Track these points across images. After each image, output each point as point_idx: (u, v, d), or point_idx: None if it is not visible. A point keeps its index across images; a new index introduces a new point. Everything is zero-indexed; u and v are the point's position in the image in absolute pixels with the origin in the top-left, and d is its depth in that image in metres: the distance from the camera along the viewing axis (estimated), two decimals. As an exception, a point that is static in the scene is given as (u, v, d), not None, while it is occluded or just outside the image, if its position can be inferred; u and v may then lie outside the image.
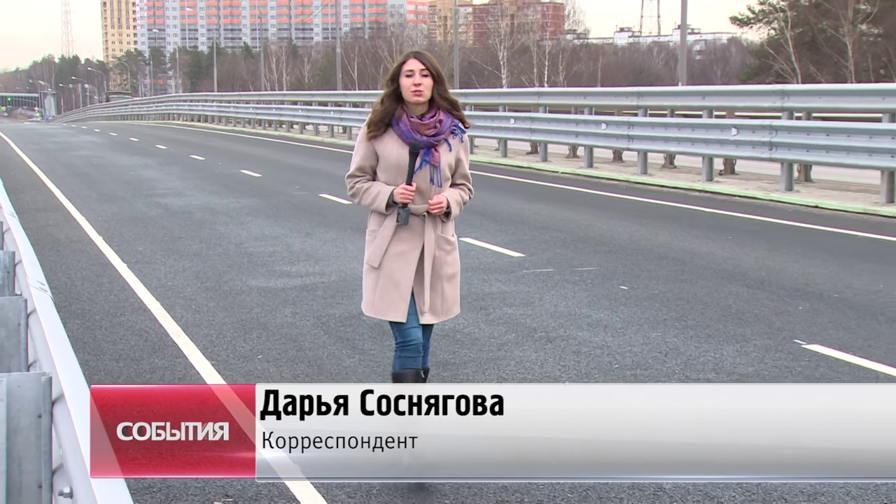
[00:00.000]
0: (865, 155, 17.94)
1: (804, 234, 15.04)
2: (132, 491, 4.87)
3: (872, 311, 9.67)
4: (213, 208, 19.04)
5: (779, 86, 21.75)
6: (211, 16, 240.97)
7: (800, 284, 10.94)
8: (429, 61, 5.39)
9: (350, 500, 5.43)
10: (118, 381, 7.69)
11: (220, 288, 11.30)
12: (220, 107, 65.48)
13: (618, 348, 8.41)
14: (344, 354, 8.38)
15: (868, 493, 5.38)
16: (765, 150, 20.05)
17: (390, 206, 5.46)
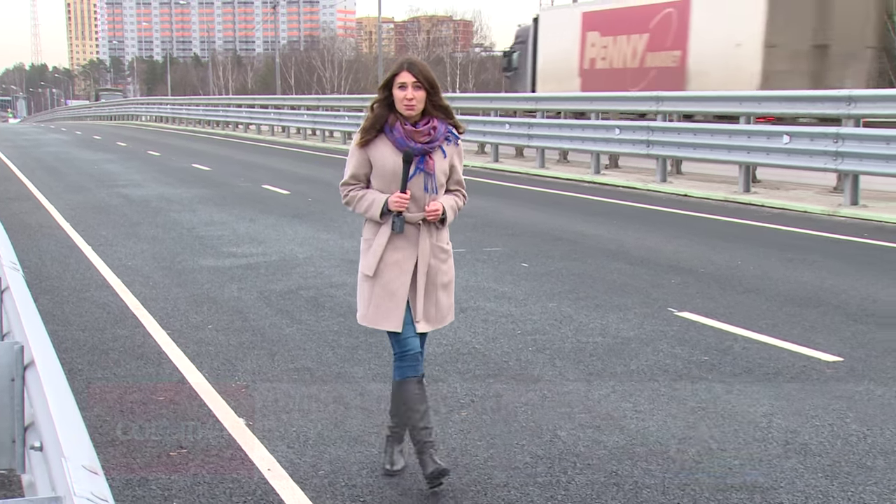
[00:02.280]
0: (725, 151, 18.23)
1: (676, 219, 15.25)
2: (96, 445, 4.79)
3: (732, 283, 9.83)
4: (168, 198, 18.83)
5: (654, 92, 21.99)
6: (164, 29, 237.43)
7: (672, 261, 11.08)
8: (421, 73, 4.68)
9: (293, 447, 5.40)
10: (84, 349, 7.58)
11: (174, 267, 11.18)
12: (174, 109, 64.70)
13: (520, 317, 8.45)
14: (284, 324, 8.33)
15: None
16: (643, 147, 20.29)
17: (385, 215, 4.75)
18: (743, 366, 6.90)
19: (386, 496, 4.73)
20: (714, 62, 25.65)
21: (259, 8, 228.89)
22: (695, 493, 4.73)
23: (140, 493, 4.81)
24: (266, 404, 6.19)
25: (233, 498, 4.75)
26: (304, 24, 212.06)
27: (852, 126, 15.92)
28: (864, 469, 5.00)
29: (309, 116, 40.76)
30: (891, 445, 5.33)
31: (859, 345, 7.41)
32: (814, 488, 4.77)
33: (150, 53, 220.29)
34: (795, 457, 5.19)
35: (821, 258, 11.30)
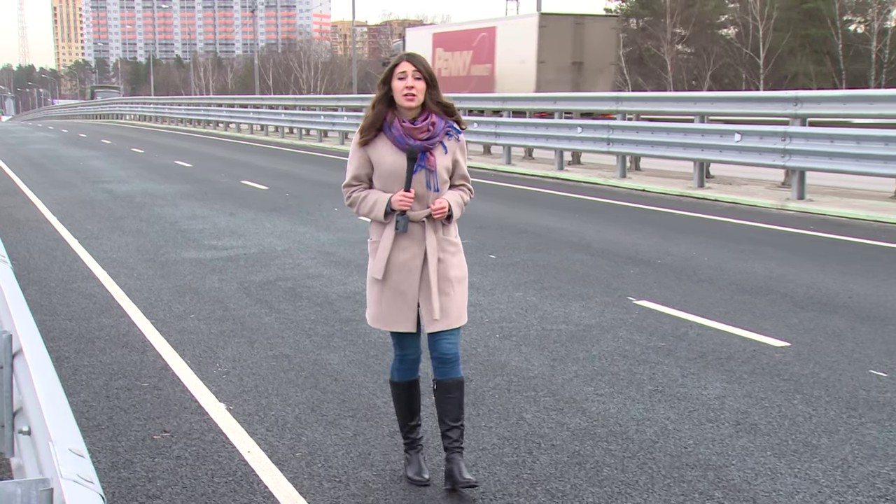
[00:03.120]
0: (681, 149, 18.31)
1: (635, 213, 15.31)
2: (82, 429, 4.76)
3: (687, 273, 9.88)
4: (152, 193, 18.71)
5: (614, 93, 22.11)
6: (147, 31, 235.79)
7: (631, 253, 11.13)
8: (421, 64, 4.38)
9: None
10: (71, 337, 7.53)
11: (157, 259, 11.11)
12: (157, 108, 64.32)
13: (488, 305, 8.46)
14: (263, 313, 8.30)
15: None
16: (603, 144, 20.35)
17: (388, 215, 4.43)
18: (697, 351, 6.94)
19: (361, 476, 4.73)
20: (510, 73, 33.59)
21: (238, 11, 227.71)
22: (652, 471, 4.76)
23: (125, 474, 4.79)
24: (246, 389, 6.17)
25: (214, 479, 4.73)
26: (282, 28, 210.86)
27: (798, 125, 16.04)
28: (810, 447, 5.05)
29: (286, 115, 40.62)
30: (834, 425, 5.38)
31: (805, 330, 7.47)
32: (763, 466, 4.81)
33: (134, 55, 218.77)
34: (746, 436, 5.23)
35: (770, 250, 11.38)
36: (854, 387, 6.06)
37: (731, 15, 63.05)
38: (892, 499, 4.41)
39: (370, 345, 7.20)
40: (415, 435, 4.74)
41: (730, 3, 64.07)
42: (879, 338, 7.24)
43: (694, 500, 4.41)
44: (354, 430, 5.37)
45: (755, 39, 55.56)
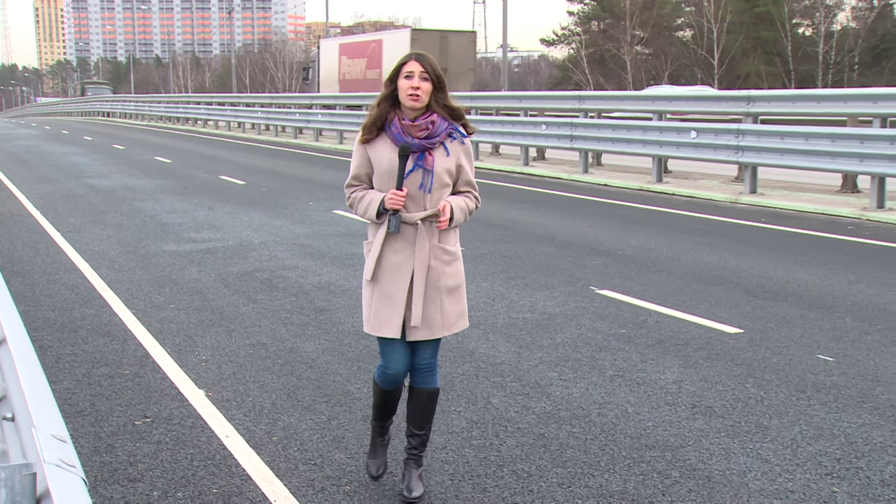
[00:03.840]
0: (640, 145, 18.41)
1: (597, 206, 15.37)
2: (65, 415, 4.72)
3: (647, 263, 9.93)
4: (132, 188, 18.56)
5: (577, 92, 22.23)
6: (128, 32, 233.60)
7: (594, 244, 11.17)
8: (429, 64, 4.07)
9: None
10: (54, 327, 7.46)
11: (138, 251, 11.03)
12: (137, 106, 63.76)
13: (456, 295, 8.46)
14: (240, 303, 8.26)
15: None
16: (567, 141, 20.41)
17: (381, 214, 4.09)
18: (656, 338, 6.98)
19: (335, 459, 4.72)
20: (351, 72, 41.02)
21: (215, 13, 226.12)
22: (613, 452, 4.78)
23: (107, 458, 4.75)
24: (224, 377, 6.14)
25: (194, 463, 4.70)
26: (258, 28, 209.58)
27: (751, 123, 16.15)
28: (762, 428, 5.09)
29: (263, 113, 40.44)
30: (784, 407, 5.43)
31: (757, 318, 7.53)
32: (717, 446, 4.85)
33: (114, 54, 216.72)
34: (702, 418, 5.26)
35: (724, 241, 11.46)
36: (803, 371, 6.11)
37: (686, 18, 63.36)
38: (837, 476, 4.46)
39: (344, 333, 7.19)
40: (385, 423, 4.55)
41: (686, 7, 64.39)
42: (826, 324, 7.31)
43: (652, 480, 4.44)
44: (329, 415, 5.36)
45: (710, 41, 55.90)
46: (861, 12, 56.33)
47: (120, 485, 4.44)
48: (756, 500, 4.21)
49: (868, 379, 5.93)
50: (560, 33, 68.39)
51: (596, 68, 61.44)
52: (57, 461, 1.67)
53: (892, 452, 4.74)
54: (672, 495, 4.27)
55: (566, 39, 68.05)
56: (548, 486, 4.38)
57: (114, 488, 4.40)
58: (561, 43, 69.08)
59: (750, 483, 4.39)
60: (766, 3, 56.17)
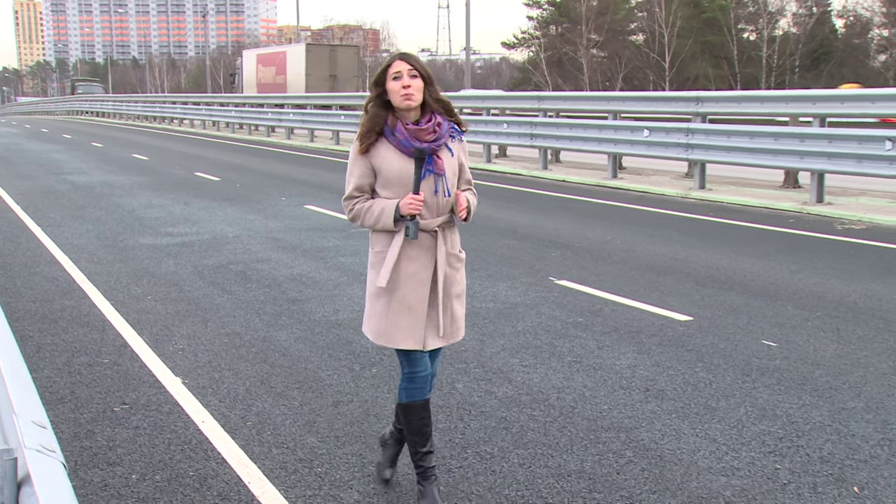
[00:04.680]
0: (596, 143, 18.47)
1: (556, 201, 15.41)
2: (46, 402, 4.67)
3: (603, 255, 9.98)
4: (111, 184, 18.37)
5: (536, 93, 22.32)
6: (105, 34, 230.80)
7: (552, 237, 11.21)
8: (416, 62, 3.75)
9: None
10: (35, 318, 7.36)
11: (116, 245, 10.91)
12: (115, 105, 63.06)
13: (422, 286, 8.45)
14: (215, 295, 8.20)
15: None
16: (527, 139, 20.45)
17: (398, 221, 3.72)
18: (611, 325, 7.01)
19: (307, 443, 4.70)
20: (293, 80, 46.78)
21: (190, 16, 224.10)
22: (571, 434, 4.80)
23: (87, 444, 4.70)
24: (200, 364, 6.09)
25: (171, 447, 4.66)
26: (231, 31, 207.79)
27: (700, 122, 16.27)
28: (710, 410, 5.14)
29: (236, 112, 40.17)
30: (731, 390, 5.47)
31: (706, 306, 7.59)
32: (669, 427, 4.88)
33: (93, 56, 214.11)
34: (654, 401, 5.29)
35: (675, 234, 11.53)
36: (748, 355, 6.17)
37: (639, 23, 63.67)
38: (780, 454, 4.51)
39: (315, 323, 7.16)
40: (426, 463, 3.97)
41: (638, 13, 64.70)
42: (770, 311, 7.39)
43: (608, 459, 4.46)
44: (301, 401, 5.34)
45: (661, 45, 56.23)
46: (801, 18, 56.95)
47: (99, 468, 4.39)
48: (704, 477, 4.25)
49: (808, 363, 5.99)
50: (520, 37, 68.54)
51: (554, 70, 61.60)
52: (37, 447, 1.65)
53: (830, 431, 4.79)
54: (626, 474, 4.29)
55: (526, 43, 68.21)
56: (510, 467, 4.39)
57: (94, 472, 4.35)
58: (521, 46, 69.24)
59: (699, 461, 4.43)
60: (713, 10, 56.63)
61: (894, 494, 4.04)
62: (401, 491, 4.13)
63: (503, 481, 4.23)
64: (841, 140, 13.51)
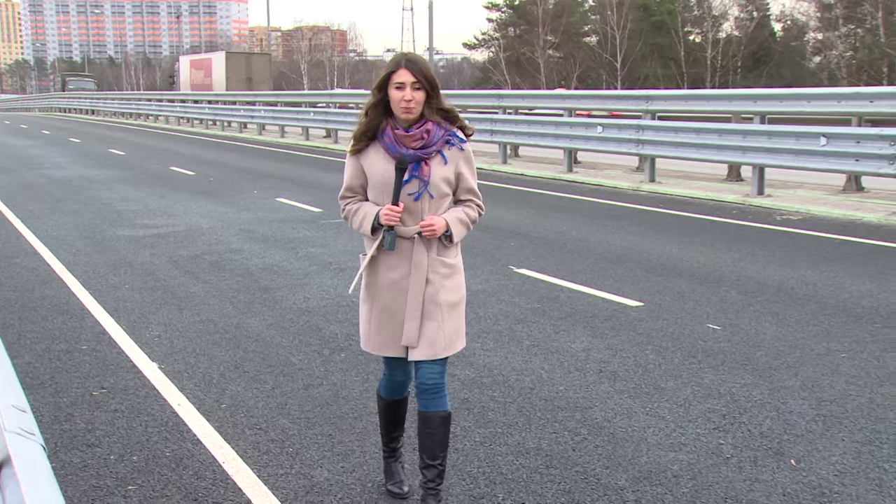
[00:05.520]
0: (553, 139, 18.53)
1: (515, 194, 15.44)
2: (27, 387, 4.60)
3: (559, 245, 10.02)
4: (88, 178, 18.12)
5: (496, 91, 22.30)
6: (82, 33, 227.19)
7: (512, 227, 11.23)
8: (421, 72, 3.42)
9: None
10: (15, 307, 7.25)
11: (94, 236, 10.78)
12: (92, 102, 62.07)
13: (388, 274, 8.42)
14: (190, 283, 8.13)
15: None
16: (487, 135, 20.44)
17: (376, 230, 3.52)
18: (567, 311, 7.04)
19: (279, 424, 4.68)
20: (217, 82, 53.02)
21: (165, 17, 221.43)
22: (529, 414, 4.82)
23: (66, 426, 4.64)
24: (175, 350, 6.04)
25: (148, 429, 4.62)
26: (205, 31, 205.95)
27: (650, 119, 16.37)
28: (659, 389, 5.18)
29: (210, 109, 39.75)
30: (679, 371, 5.53)
31: (656, 292, 7.65)
32: (621, 406, 4.92)
33: (70, 54, 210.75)
34: (607, 382, 5.33)
35: (627, 224, 11.61)
36: (694, 338, 6.23)
37: (592, 25, 63.87)
38: (723, 430, 4.56)
39: (286, 310, 7.12)
40: (395, 444, 3.96)
41: (591, 16, 64.88)
42: (715, 297, 7.46)
43: (564, 437, 4.49)
44: (273, 384, 5.31)
45: (613, 46, 56.48)
46: (743, 22, 57.49)
47: (79, 450, 4.34)
48: (654, 452, 4.29)
49: (750, 345, 6.06)
50: (481, 38, 68.48)
51: (513, 70, 61.66)
52: (17, 429, 1.62)
53: (769, 409, 4.86)
54: (581, 450, 4.32)
55: (486, 44, 68.16)
56: (471, 445, 4.40)
57: (73, 453, 4.30)
58: (482, 47, 69.18)
59: (649, 438, 4.47)
60: (661, 13, 56.99)
61: (828, 466, 4.11)
62: (368, 469, 4.13)
63: (465, 458, 4.24)
64: (780, 136, 13.66)
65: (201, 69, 56.96)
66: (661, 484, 3.93)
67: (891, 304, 7.13)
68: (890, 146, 12.07)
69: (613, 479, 3.98)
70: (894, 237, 10.55)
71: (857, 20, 48.89)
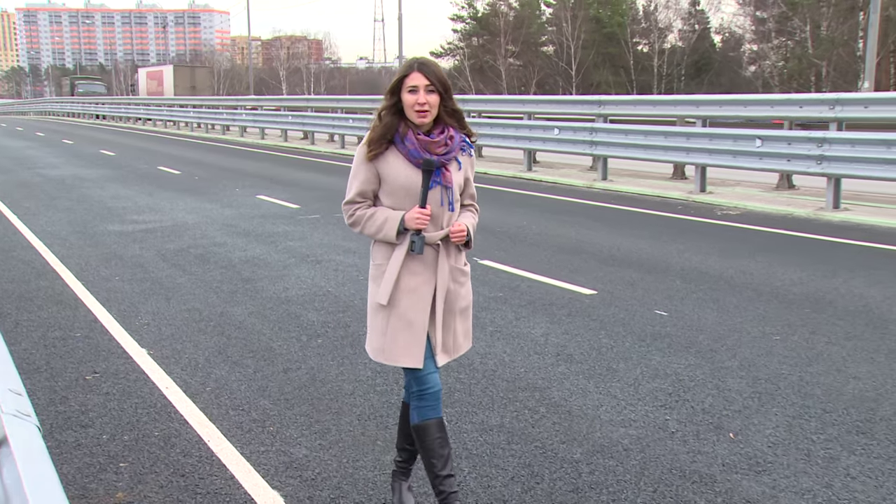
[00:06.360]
0: (514, 140, 18.55)
1: (479, 191, 15.25)
2: (23, 372, 4.53)
3: (520, 238, 10.04)
4: (81, 177, 17.86)
5: (461, 96, 22.23)
6: (74, 42, 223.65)
7: (476, 223, 11.21)
8: (434, 74, 3.13)
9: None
10: (12, 297, 7.14)
11: (86, 231, 10.63)
12: (84, 106, 61.18)
13: (362, 266, 8.42)
14: (177, 275, 8.05)
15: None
16: (454, 137, 20.42)
17: (401, 234, 3.17)
18: (527, 299, 7.06)
19: (260, 405, 4.65)
20: (168, 89, 57.45)
21: (152, 27, 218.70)
22: (492, 394, 4.83)
23: (61, 409, 4.58)
24: (163, 337, 5.98)
25: (138, 410, 4.57)
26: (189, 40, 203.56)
27: (602, 122, 16.45)
28: (612, 371, 5.21)
29: (194, 113, 39.35)
30: (629, 353, 5.56)
31: (608, 281, 7.69)
32: (577, 386, 4.94)
33: (63, 62, 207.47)
34: (564, 364, 5.35)
35: (582, 219, 11.66)
36: (643, 323, 6.27)
37: (549, 36, 64.02)
38: (669, 407, 4.60)
39: (267, 299, 7.08)
40: (448, 488, 3.28)
41: (549, 27, 65.05)
42: (662, 286, 7.52)
43: (524, 415, 4.50)
44: (254, 368, 5.28)
45: (568, 55, 56.71)
46: (686, 34, 58.00)
47: (73, 430, 4.29)
48: (606, 428, 4.31)
49: (693, 329, 6.12)
50: (447, 47, 68.37)
51: (476, 76, 61.67)
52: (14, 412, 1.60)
53: (710, 387, 4.91)
54: (540, 427, 4.34)
55: (452, 52, 68.08)
56: (439, 422, 4.40)
57: (68, 433, 4.24)
58: (447, 55, 69.05)
59: (601, 415, 4.49)
60: (612, 25, 57.30)
61: (763, 438, 4.16)
62: (343, 446, 4.12)
63: (434, 435, 4.24)
64: (720, 138, 13.79)
65: (155, 79, 63.76)
66: (613, 457, 3.96)
67: (819, 291, 7.23)
68: (817, 147, 12.24)
69: (569, 453, 4.00)
70: (821, 230, 10.71)
71: (787, 33, 49.48)
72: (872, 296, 7.04)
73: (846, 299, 6.94)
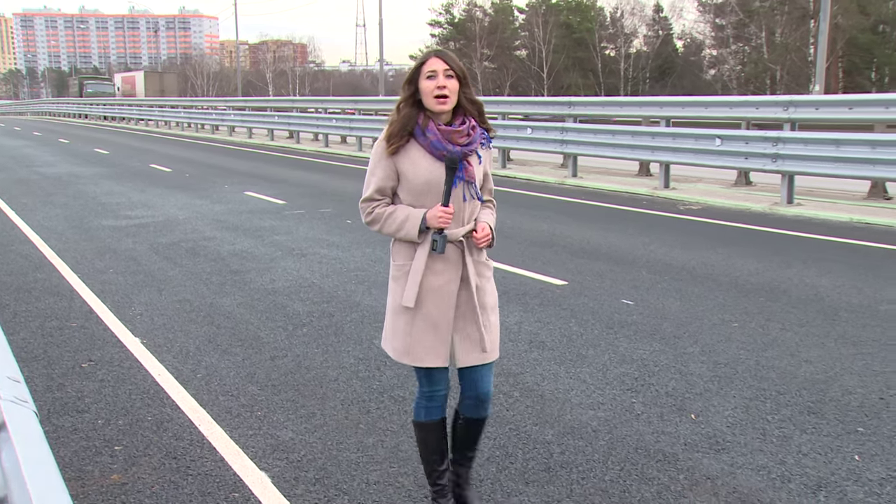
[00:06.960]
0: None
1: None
2: (21, 361, 4.49)
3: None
4: (76, 174, 17.67)
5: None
6: (69, 45, 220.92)
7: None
8: (453, 60, 2.87)
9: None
10: (10, 289, 7.05)
11: (82, 226, 10.52)
12: (79, 107, 60.49)
13: (345, 259, 8.40)
14: (168, 268, 7.99)
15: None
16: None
17: (422, 233, 2.89)
18: (502, 289, 7.02)
19: (248, 391, 4.63)
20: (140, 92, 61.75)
21: (144, 31, 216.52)
22: (469, 378, 4.83)
23: (58, 395, 4.53)
24: (156, 327, 5.93)
25: (131, 396, 4.54)
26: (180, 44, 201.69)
27: (572, 122, 16.49)
28: (581, 357, 5.24)
29: (185, 113, 39.04)
30: (598, 340, 5.59)
31: (578, 272, 7.72)
32: (549, 371, 4.96)
33: (59, 65, 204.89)
34: (537, 351, 5.37)
35: (553, 214, 11.69)
36: (611, 312, 6.30)
37: (522, 41, 64.09)
38: (635, 391, 4.63)
39: (255, 290, 7.04)
40: (444, 481, 3.23)
41: (521, 32, 65.10)
42: (629, 276, 7.56)
43: (499, 399, 4.51)
44: (243, 356, 5.25)
45: (540, 59, 56.79)
46: (650, 39, 58.25)
47: (70, 416, 4.25)
48: (576, 411, 4.33)
49: (658, 317, 6.16)
50: (425, 50, 68.07)
51: (453, 80, 61.63)
52: (12, 398, 1.58)
53: (674, 371, 4.94)
54: (514, 410, 4.35)
55: (430, 56, 68.07)
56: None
57: (65, 419, 4.20)
58: (426, 59, 69.04)
59: (572, 399, 4.51)
60: (581, 31, 57.41)
61: (722, 419, 4.20)
62: (328, 430, 4.11)
63: (411, 418, 4.24)
64: (682, 137, 13.87)
65: (128, 84, 67.41)
66: (583, 438, 3.98)
67: (774, 281, 7.30)
68: (773, 146, 12.34)
69: (542, 434, 4.02)
70: (777, 224, 10.81)
71: (744, 39, 49.84)
72: (823, 285, 7.12)
73: (799, 289, 7.01)
